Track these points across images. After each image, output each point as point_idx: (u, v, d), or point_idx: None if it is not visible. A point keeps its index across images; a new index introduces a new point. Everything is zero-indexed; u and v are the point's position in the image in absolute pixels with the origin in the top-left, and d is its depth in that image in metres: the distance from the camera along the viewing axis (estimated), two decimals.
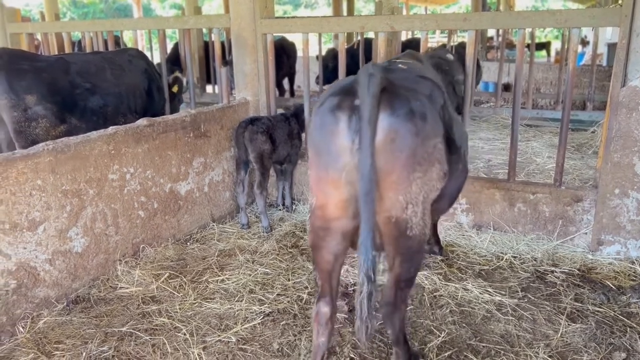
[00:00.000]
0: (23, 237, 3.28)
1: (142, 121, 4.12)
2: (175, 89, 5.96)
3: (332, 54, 9.41)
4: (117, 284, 3.82)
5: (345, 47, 4.92)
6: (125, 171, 3.95)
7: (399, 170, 2.20)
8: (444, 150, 2.37)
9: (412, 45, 9.81)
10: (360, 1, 24.88)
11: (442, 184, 2.43)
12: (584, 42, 19.33)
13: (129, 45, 11.53)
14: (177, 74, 6.33)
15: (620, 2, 17.81)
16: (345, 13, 15.66)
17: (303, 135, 5.16)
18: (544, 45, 23.58)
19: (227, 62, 9.88)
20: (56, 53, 7.04)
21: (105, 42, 6.81)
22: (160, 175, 4.28)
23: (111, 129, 3.87)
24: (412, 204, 2.27)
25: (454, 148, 2.55)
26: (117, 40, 10.91)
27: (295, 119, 5.14)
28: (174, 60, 8.24)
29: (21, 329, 3.26)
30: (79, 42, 10.23)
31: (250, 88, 5.26)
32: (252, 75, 5.22)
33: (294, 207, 5.30)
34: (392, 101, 2.17)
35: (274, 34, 5.21)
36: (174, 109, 5.97)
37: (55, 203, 3.45)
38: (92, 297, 3.66)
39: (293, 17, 5.78)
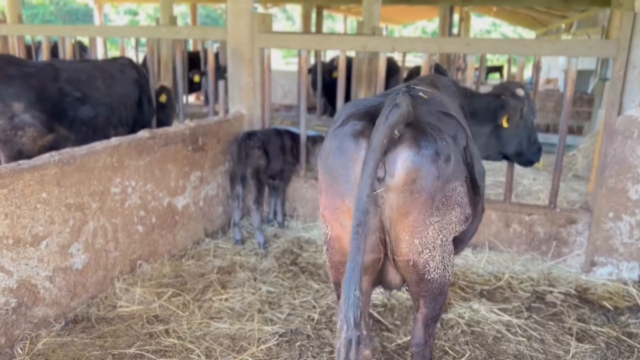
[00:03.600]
0: (26, 253, 3.10)
1: (144, 133, 4.00)
2: (163, 98, 5.82)
3: (314, 71, 9.45)
4: (117, 302, 3.66)
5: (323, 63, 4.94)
6: (127, 184, 3.81)
7: (415, 212, 2.11)
8: (464, 193, 2.29)
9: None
10: (328, 20, 25.09)
11: (463, 228, 2.36)
12: (538, 68, 20.24)
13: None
14: (164, 83, 6.21)
15: (573, 32, 18.56)
16: (313, 29, 15.80)
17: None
18: (498, 69, 24.64)
19: (203, 73, 9.77)
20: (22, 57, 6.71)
21: (74, 48, 6.59)
22: (160, 189, 4.15)
23: (115, 140, 3.73)
24: (429, 249, 2.19)
25: (476, 188, 2.47)
26: (83, 47, 10.62)
27: (289, 135, 5.12)
28: None
29: (20, 350, 3.07)
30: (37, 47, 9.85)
31: (245, 101, 5.20)
32: (248, 89, 5.17)
33: (285, 223, 5.25)
34: (419, 139, 2.07)
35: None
36: (168, 119, 5.83)
37: (58, 217, 3.28)
38: (92, 316, 3.49)
39: (292, 33, 5.77)
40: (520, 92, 3.48)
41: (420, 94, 2.54)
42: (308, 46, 4.92)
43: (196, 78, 9.55)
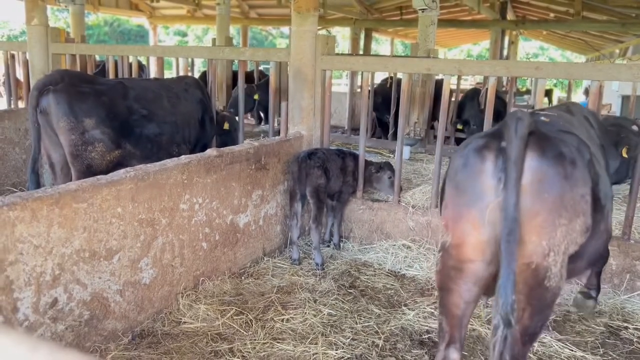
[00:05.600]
0: (100, 267, 3.16)
1: (212, 151, 4.06)
2: (226, 126, 5.97)
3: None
4: (181, 319, 3.67)
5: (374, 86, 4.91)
6: (195, 201, 3.86)
7: (545, 212, 2.17)
8: (590, 203, 2.31)
9: None
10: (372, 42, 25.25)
11: (583, 240, 2.34)
12: (587, 92, 19.75)
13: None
14: (225, 112, 6.41)
15: (628, 57, 18.04)
16: (361, 52, 15.90)
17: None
18: (547, 93, 24.21)
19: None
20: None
21: (130, 67, 6.83)
22: (224, 206, 4.19)
23: (185, 158, 3.80)
24: (554, 252, 2.21)
25: (598, 206, 2.43)
26: (141, 66, 10.98)
27: (351, 157, 5.11)
28: None
29: None
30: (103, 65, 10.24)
31: (305, 122, 5.23)
32: (309, 110, 5.20)
33: (341, 244, 5.20)
34: (542, 144, 2.19)
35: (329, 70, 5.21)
36: (233, 141, 5.98)
37: (131, 232, 3.34)
38: (157, 331, 3.51)
39: (354, 55, 5.80)
40: (635, 128, 3.45)
41: (542, 117, 2.66)
42: (371, 68, 4.92)
43: (256, 96, 9.77)
